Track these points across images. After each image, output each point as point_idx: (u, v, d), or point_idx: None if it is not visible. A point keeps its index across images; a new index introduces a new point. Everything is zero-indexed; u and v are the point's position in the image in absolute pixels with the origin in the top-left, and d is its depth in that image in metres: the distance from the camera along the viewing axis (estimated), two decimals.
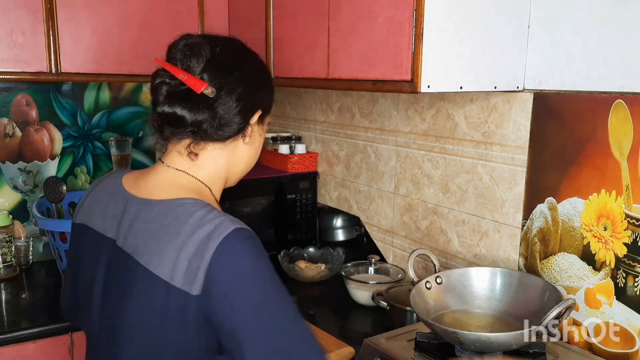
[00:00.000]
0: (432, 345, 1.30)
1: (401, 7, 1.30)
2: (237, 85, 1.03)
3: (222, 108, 1.02)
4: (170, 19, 2.00)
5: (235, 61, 1.06)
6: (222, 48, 1.05)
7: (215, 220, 0.94)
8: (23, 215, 2.16)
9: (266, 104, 1.11)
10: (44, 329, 1.64)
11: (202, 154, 1.06)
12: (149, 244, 0.96)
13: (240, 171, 1.15)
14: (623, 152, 1.25)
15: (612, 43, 1.27)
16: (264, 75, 1.13)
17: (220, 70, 1.02)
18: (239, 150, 1.09)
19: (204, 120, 1.01)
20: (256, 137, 1.12)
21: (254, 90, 1.07)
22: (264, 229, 2.25)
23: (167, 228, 0.95)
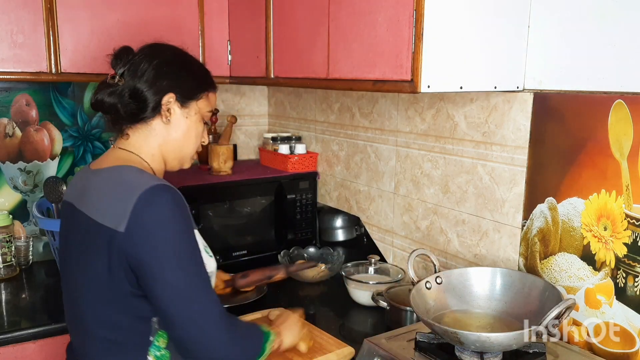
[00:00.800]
0: (432, 345, 1.30)
1: (401, 7, 1.30)
2: (142, 71, 1.24)
3: (129, 91, 1.23)
4: (170, 19, 2.00)
5: (147, 54, 1.27)
6: (142, 48, 1.29)
7: (143, 176, 1.18)
8: (23, 215, 2.16)
9: (184, 89, 1.27)
10: (44, 329, 1.64)
11: (132, 134, 1.27)
12: (91, 199, 1.20)
13: (173, 152, 1.30)
14: (623, 152, 1.25)
15: (612, 43, 1.27)
16: (180, 63, 1.30)
17: (130, 62, 1.25)
18: (161, 131, 1.27)
19: (117, 103, 1.24)
20: (179, 119, 1.28)
21: (162, 75, 1.24)
22: (264, 229, 2.25)
23: (105, 185, 1.19)
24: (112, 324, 1.17)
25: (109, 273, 1.12)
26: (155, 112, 1.25)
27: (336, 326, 1.68)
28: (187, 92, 1.28)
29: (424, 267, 1.83)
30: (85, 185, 1.25)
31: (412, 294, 1.33)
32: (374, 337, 1.38)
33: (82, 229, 1.19)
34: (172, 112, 1.27)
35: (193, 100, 1.29)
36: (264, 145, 2.47)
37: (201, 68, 1.36)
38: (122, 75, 1.25)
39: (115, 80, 1.25)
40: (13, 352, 1.61)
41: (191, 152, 1.34)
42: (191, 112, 1.29)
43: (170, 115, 1.26)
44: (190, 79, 1.30)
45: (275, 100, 2.61)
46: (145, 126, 1.26)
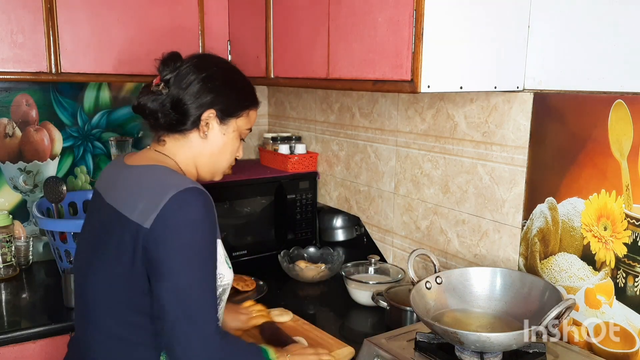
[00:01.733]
0: (432, 345, 1.30)
1: (401, 7, 1.30)
2: (188, 83, 1.23)
3: (171, 101, 1.23)
4: (170, 19, 2.01)
5: (195, 65, 1.26)
6: (192, 57, 1.28)
7: (179, 177, 1.18)
8: (23, 215, 2.16)
9: (225, 106, 1.27)
10: (44, 329, 1.64)
11: (169, 141, 1.28)
12: (122, 193, 1.20)
13: (207, 165, 1.31)
14: (623, 152, 1.25)
15: (612, 43, 1.27)
16: (225, 79, 1.29)
17: (177, 69, 1.25)
18: (197, 143, 1.27)
19: (158, 110, 1.24)
20: (216, 135, 1.28)
21: (206, 90, 1.24)
22: (264, 229, 2.25)
23: (139, 181, 1.20)
24: (126, 321, 1.16)
25: (131, 269, 1.12)
26: (194, 126, 1.25)
27: (336, 326, 1.68)
28: (228, 110, 1.28)
29: (424, 267, 1.83)
30: (117, 179, 1.25)
31: (412, 294, 1.33)
32: (374, 337, 1.38)
33: (107, 221, 1.19)
34: (210, 128, 1.26)
35: (233, 117, 1.29)
36: (264, 145, 2.47)
37: (246, 85, 1.35)
38: (167, 83, 1.25)
39: (159, 88, 1.24)
40: (13, 352, 1.61)
41: (224, 167, 1.34)
42: (229, 129, 1.29)
43: (208, 130, 1.26)
44: (233, 97, 1.29)
45: (275, 100, 2.61)
46: (183, 137, 1.27)
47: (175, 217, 1.10)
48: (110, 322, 1.18)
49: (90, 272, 1.21)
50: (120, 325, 1.17)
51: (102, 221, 1.22)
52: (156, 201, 1.10)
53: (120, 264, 1.13)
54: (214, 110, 1.25)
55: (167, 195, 1.10)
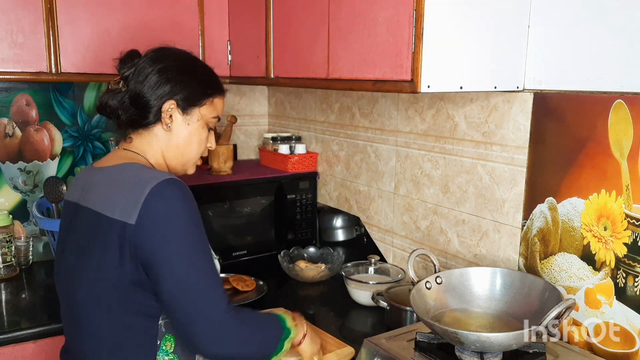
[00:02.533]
0: (432, 345, 1.30)
1: (401, 7, 1.30)
2: (144, 76, 1.23)
3: (130, 97, 1.24)
4: (170, 19, 2.00)
5: (151, 58, 1.26)
6: (148, 51, 1.29)
7: (154, 172, 1.18)
8: (23, 215, 2.16)
9: (185, 95, 1.26)
10: (44, 329, 1.64)
11: (135, 138, 1.28)
12: (99, 194, 1.19)
13: (175, 157, 1.30)
14: (623, 152, 1.25)
15: (612, 43, 1.27)
16: (183, 69, 1.28)
17: (134, 66, 1.25)
18: (162, 137, 1.27)
19: (118, 107, 1.25)
20: (180, 126, 1.27)
21: (163, 81, 1.23)
22: (264, 229, 2.25)
23: (113, 181, 1.19)
24: (120, 323, 1.15)
25: (119, 267, 1.11)
26: (156, 119, 1.25)
27: (336, 326, 1.68)
28: (189, 99, 1.26)
29: (424, 267, 1.83)
30: (90, 183, 1.24)
31: (412, 294, 1.33)
32: (374, 337, 1.38)
33: (88, 225, 1.18)
34: (173, 119, 1.26)
35: (195, 106, 1.28)
36: (264, 145, 2.47)
37: (206, 73, 1.33)
38: (126, 79, 1.25)
39: (119, 85, 1.25)
40: (13, 352, 1.61)
41: (194, 158, 1.33)
42: (193, 119, 1.28)
43: (171, 122, 1.26)
44: (193, 85, 1.27)
45: (275, 100, 2.61)
46: (147, 131, 1.26)
47: (158, 209, 1.10)
48: (103, 328, 1.16)
49: (77, 279, 1.19)
50: (114, 329, 1.16)
51: (83, 227, 1.20)
52: (136, 196, 1.10)
53: (108, 265, 1.12)
54: (174, 101, 1.24)
55: (146, 188, 1.10)
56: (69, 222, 1.27)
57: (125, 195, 1.13)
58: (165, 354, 1.18)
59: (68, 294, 1.24)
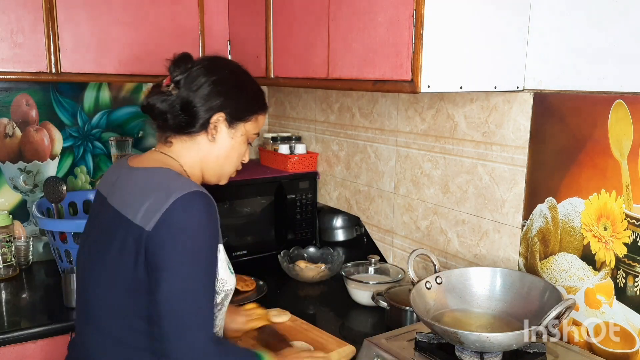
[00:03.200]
0: (432, 345, 1.30)
1: (401, 7, 1.30)
2: (198, 85, 1.23)
3: (180, 103, 1.23)
4: (170, 19, 2.00)
5: (206, 67, 1.26)
6: (203, 59, 1.28)
7: (183, 181, 1.17)
8: (23, 215, 2.16)
9: (234, 110, 1.27)
10: (44, 329, 1.64)
11: (176, 142, 1.27)
12: (125, 195, 1.19)
13: (213, 169, 1.30)
14: (623, 152, 1.25)
15: (612, 43, 1.27)
16: (235, 83, 1.29)
17: (187, 72, 1.24)
18: (204, 146, 1.27)
19: (167, 111, 1.23)
20: (224, 138, 1.27)
21: (216, 93, 1.24)
22: (264, 229, 2.25)
23: (142, 184, 1.18)
24: (128, 325, 1.16)
25: (133, 272, 1.11)
26: (202, 128, 1.25)
27: (336, 326, 1.68)
28: (237, 113, 1.27)
29: (424, 267, 1.83)
30: (120, 181, 1.24)
31: (412, 294, 1.33)
32: (374, 337, 1.38)
33: (110, 224, 1.19)
34: (219, 131, 1.26)
35: (241, 122, 1.28)
36: (264, 145, 2.47)
37: (256, 90, 1.34)
38: (177, 84, 1.24)
39: (170, 89, 1.24)
40: (13, 352, 1.61)
41: (231, 171, 1.34)
42: (237, 133, 1.29)
43: (216, 134, 1.26)
44: (243, 101, 1.29)
45: (275, 100, 2.61)
46: (190, 139, 1.26)
47: (177, 221, 1.09)
48: (111, 325, 1.17)
49: (93, 274, 1.20)
50: (121, 328, 1.16)
51: (105, 223, 1.21)
52: (160, 204, 1.10)
53: (122, 267, 1.13)
54: (223, 114, 1.25)
55: (171, 198, 1.09)
56: (96, 214, 1.28)
57: (150, 200, 1.12)
58: None
59: (83, 286, 1.25)
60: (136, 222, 1.11)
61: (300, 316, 1.65)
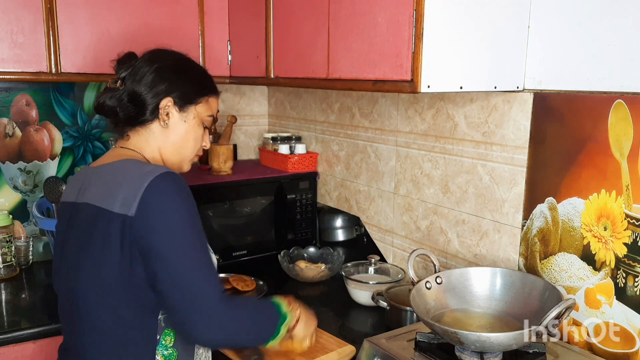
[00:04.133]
0: (432, 345, 1.30)
1: (401, 7, 1.30)
2: (142, 75, 1.27)
3: (128, 95, 1.27)
4: (170, 19, 2.00)
5: (148, 58, 1.30)
6: (145, 53, 1.32)
7: (152, 166, 1.20)
8: (23, 215, 2.16)
9: (182, 93, 1.29)
10: (44, 329, 1.64)
11: (132, 135, 1.30)
12: (97, 190, 1.21)
13: (172, 154, 1.32)
14: (623, 152, 1.25)
15: (612, 43, 1.27)
16: (179, 68, 1.32)
17: (131, 67, 1.28)
18: (159, 134, 1.29)
19: (116, 105, 1.27)
20: (177, 123, 1.30)
21: (160, 79, 1.27)
22: (264, 229, 2.25)
23: (112, 176, 1.21)
24: (121, 317, 1.17)
25: (121, 261, 1.13)
26: (153, 116, 1.28)
27: (336, 326, 1.68)
28: (186, 97, 1.30)
29: (424, 267, 1.83)
30: (86, 181, 1.26)
31: (412, 294, 1.33)
32: (374, 337, 1.38)
33: (88, 220, 1.19)
34: (170, 116, 1.29)
35: (192, 104, 1.31)
36: (264, 145, 2.47)
37: (202, 73, 1.37)
38: (123, 79, 1.28)
39: (116, 85, 1.28)
40: (13, 352, 1.61)
41: (190, 156, 1.35)
42: (189, 117, 1.31)
43: (168, 119, 1.29)
44: (189, 84, 1.31)
45: (275, 100, 2.61)
46: (145, 129, 1.29)
47: (157, 200, 1.12)
48: (103, 322, 1.18)
49: (78, 274, 1.20)
50: (113, 323, 1.17)
51: (82, 223, 1.22)
52: (135, 189, 1.13)
53: (109, 258, 1.14)
54: (171, 98, 1.28)
55: (145, 182, 1.13)
56: (67, 222, 1.27)
57: (124, 189, 1.15)
58: (165, 348, 1.19)
59: (69, 289, 1.24)
60: (116, 210, 1.13)
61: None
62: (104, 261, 1.15)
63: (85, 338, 1.21)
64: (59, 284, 1.29)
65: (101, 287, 1.16)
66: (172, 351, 1.20)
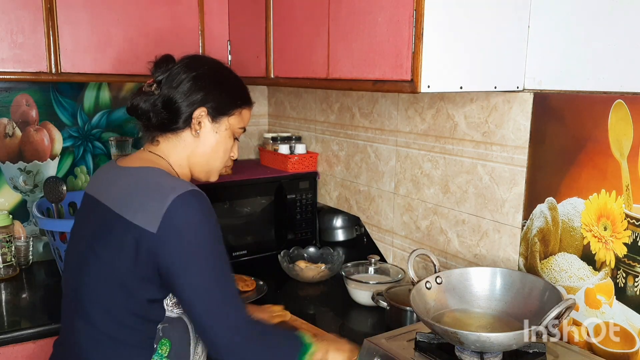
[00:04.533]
0: (432, 345, 1.30)
1: (401, 7, 1.30)
2: (178, 82, 1.25)
3: (162, 100, 1.25)
4: (170, 19, 2.00)
5: (186, 65, 1.28)
6: (183, 58, 1.30)
7: (175, 180, 1.20)
8: (23, 215, 2.16)
9: (216, 104, 1.28)
10: (44, 329, 1.64)
11: (162, 141, 1.29)
12: (118, 194, 1.20)
13: (200, 165, 1.32)
14: (623, 152, 1.25)
15: (611, 43, 1.27)
16: (216, 78, 1.31)
17: (168, 71, 1.27)
18: (190, 143, 1.28)
19: (150, 110, 1.26)
20: (208, 133, 1.29)
21: (196, 88, 1.26)
22: (264, 229, 2.25)
23: (134, 183, 1.20)
24: (121, 322, 1.17)
25: (132, 271, 1.13)
26: (186, 124, 1.27)
27: (336, 326, 1.68)
28: (220, 108, 1.29)
29: (424, 267, 1.83)
30: (111, 181, 1.26)
31: (412, 294, 1.33)
32: (374, 337, 1.38)
33: (104, 223, 1.19)
34: (203, 126, 1.28)
35: (225, 116, 1.30)
36: (264, 145, 2.47)
37: (238, 84, 1.36)
38: (159, 83, 1.27)
39: (152, 88, 1.27)
40: (13, 352, 1.61)
41: (218, 166, 1.35)
42: (221, 128, 1.30)
43: (200, 129, 1.28)
44: (225, 95, 1.30)
45: (275, 100, 2.61)
46: (175, 136, 1.28)
47: (180, 220, 1.11)
48: (105, 321, 1.18)
49: (86, 271, 1.20)
50: (115, 325, 1.17)
51: (99, 221, 1.22)
52: (158, 205, 1.11)
53: (118, 264, 1.14)
54: (205, 108, 1.27)
55: (169, 199, 1.11)
56: (85, 214, 1.28)
57: (146, 200, 1.14)
58: (160, 357, 1.20)
59: (74, 287, 1.25)
60: (135, 222, 1.12)
61: (300, 316, 1.65)
62: (114, 267, 1.15)
63: (82, 336, 1.21)
64: (65, 280, 1.30)
65: (106, 290, 1.17)
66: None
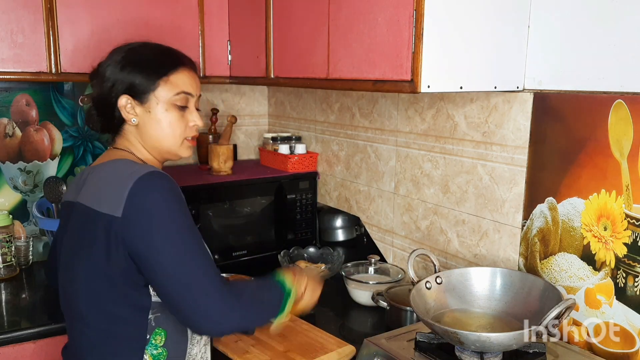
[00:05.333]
0: (432, 345, 1.30)
1: (401, 7, 1.30)
2: (99, 83, 1.28)
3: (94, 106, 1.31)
4: (170, 19, 2.00)
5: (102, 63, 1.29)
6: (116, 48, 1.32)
7: (140, 166, 1.20)
8: (23, 215, 2.16)
9: (132, 86, 1.24)
10: (44, 329, 1.64)
11: (118, 139, 1.31)
12: (89, 190, 1.22)
13: (157, 147, 1.29)
14: (623, 152, 1.25)
15: (612, 43, 1.27)
16: (126, 63, 1.26)
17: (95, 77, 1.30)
18: (134, 132, 1.29)
19: (89, 119, 1.35)
20: (144, 116, 1.26)
21: (111, 80, 1.25)
22: (264, 229, 2.25)
23: (103, 176, 1.22)
24: (111, 314, 1.17)
25: (107, 260, 1.13)
26: (121, 118, 1.27)
27: (336, 326, 1.68)
28: (139, 87, 1.24)
29: (424, 267, 1.83)
30: (83, 181, 1.28)
31: (412, 294, 1.33)
32: (374, 337, 1.38)
33: (80, 220, 1.21)
34: (136, 113, 1.26)
35: (148, 92, 1.25)
36: (264, 145, 2.47)
37: (152, 55, 1.29)
38: (90, 94, 1.33)
39: (85, 101, 1.33)
40: (13, 352, 1.61)
41: (175, 142, 1.29)
42: (152, 105, 1.25)
43: (133, 116, 1.26)
44: (139, 73, 1.25)
45: (275, 100, 2.61)
46: (123, 130, 1.30)
47: (142, 201, 1.12)
48: (96, 317, 1.19)
49: (71, 273, 1.22)
50: (104, 321, 1.18)
51: (76, 222, 1.23)
52: (121, 189, 1.13)
53: (96, 258, 1.15)
54: (126, 95, 1.25)
55: (130, 182, 1.13)
56: (66, 220, 1.29)
57: (111, 189, 1.16)
58: (154, 347, 1.20)
59: (64, 289, 1.27)
60: (103, 211, 1.14)
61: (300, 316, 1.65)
62: (92, 260, 1.16)
63: (80, 335, 1.23)
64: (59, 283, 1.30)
65: (91, 285, 1.17)
66: (162, 351, 1.20)
